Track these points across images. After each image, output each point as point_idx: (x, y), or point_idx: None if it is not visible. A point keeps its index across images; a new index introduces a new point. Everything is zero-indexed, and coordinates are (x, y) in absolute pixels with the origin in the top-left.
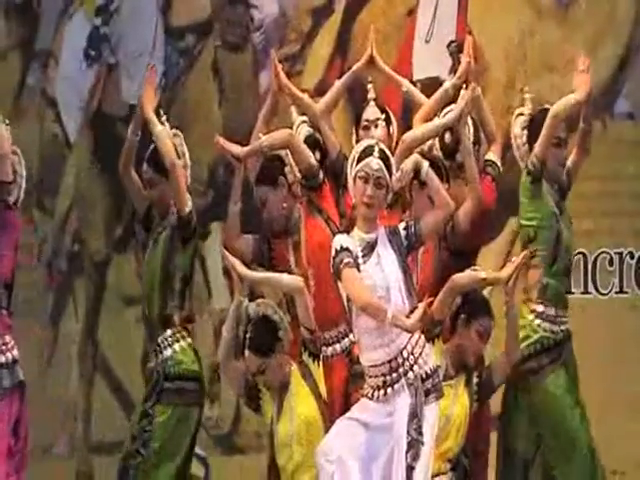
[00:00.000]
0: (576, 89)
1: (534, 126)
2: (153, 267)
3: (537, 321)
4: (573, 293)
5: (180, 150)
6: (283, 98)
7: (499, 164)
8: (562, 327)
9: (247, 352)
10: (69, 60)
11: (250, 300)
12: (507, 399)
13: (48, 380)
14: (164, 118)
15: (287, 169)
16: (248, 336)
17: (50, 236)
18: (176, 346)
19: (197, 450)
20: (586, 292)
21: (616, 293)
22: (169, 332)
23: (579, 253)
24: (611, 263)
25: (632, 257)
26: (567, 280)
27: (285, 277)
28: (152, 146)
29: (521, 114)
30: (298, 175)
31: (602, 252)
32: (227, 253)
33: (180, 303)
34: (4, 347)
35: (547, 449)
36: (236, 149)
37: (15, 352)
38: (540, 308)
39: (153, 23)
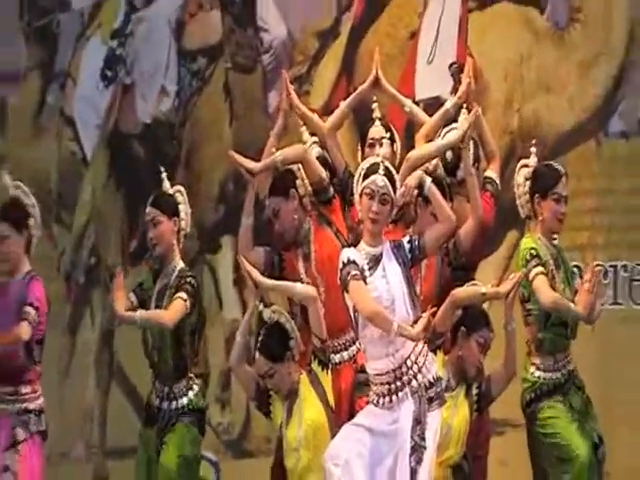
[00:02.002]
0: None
1: (537, 178)
2: (161, 331)
3: (537, 373)
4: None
5: (182, 199)
6: (293, 117)
7: (498, 181)
8: (563, 371)
9: (257, 355)
10: (86, 80)
11: (264, 306)
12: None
13: (66, 387)
14: None
15: (298, 182)
16: (260, 339)
17: (68, 249)
18: (190, 394)
19: (208, 454)
20: None
21: (610, 305)
22: (183, 382)
23: (575, 266)
24: (605, 276)
25: (626, 270)
26: (565, 329)
27: (299, 286)
28: None
29: (525, 165)
30: (309, 189)
31: (597, 265)
32: (244, 261)
33: (192, 354)
34: (34, 395)
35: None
36: (250, 164)
37: (42, 401)
38: (538, 360)
39: (166, 46)
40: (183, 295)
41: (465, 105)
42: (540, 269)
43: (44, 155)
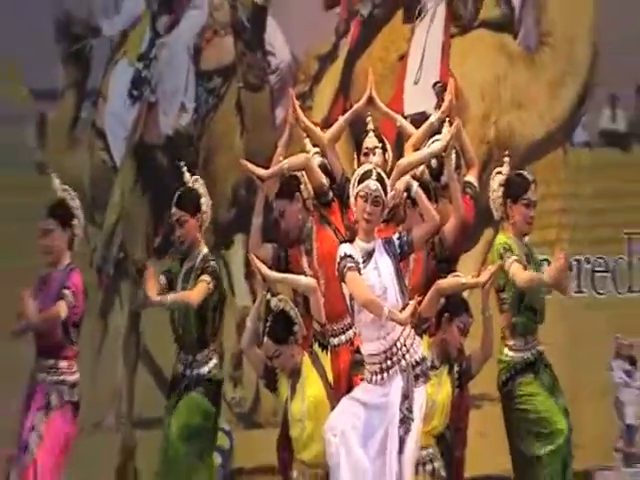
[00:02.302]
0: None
1: (509, 185)
2: (187, 308)
3: (510, 353)
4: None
5: (206, 198)
6: (297, 129)
7: (476, 185)
8: (532, 351)
9: (265, 338)
10: (115, 98)
11: (271, 296)
12: (504, 415)
13: (99, 365)
14: None
15: (302, 187)
16: (268, 325)
17: (100, 246)
18: (211, 364)
19: (223, 425)
20: (549, 292)
21: (575, 293)
22: (205, 352)
23: (544, 260)
24: (571, 268)
25: (588, 263)
26: (534, 314)
27: (302, 278)
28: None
29: (499, 173)
30: (311, 192)
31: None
32: (254, 257)
33: (212, 329)
34: (70, 370)
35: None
36: (260, 171)
37: (77, 377)
38: (511, 342)
39: (185, 68)
40: (206, 278)
41: (447, 119)
42: (515, 257)
43: (78, 163)
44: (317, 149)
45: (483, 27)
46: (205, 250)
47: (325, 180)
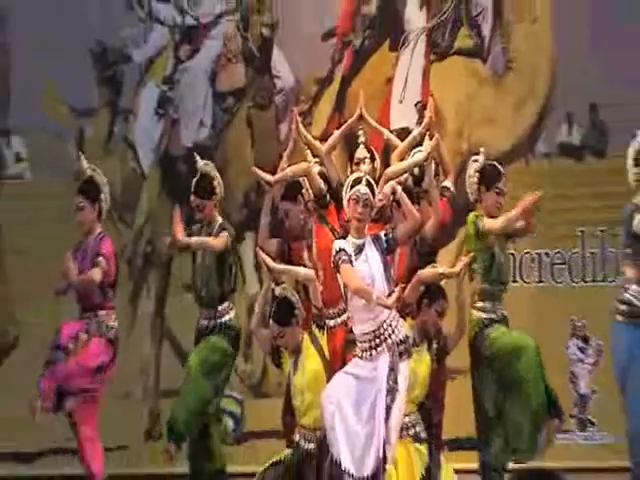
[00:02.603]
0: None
1: (484, 172)
2: (209, 265)
3: (478, 313)
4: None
5: (217, 180)
6: (299, 142)
7: (452, 189)
8: (498, 313)
9: (271, 321)
10: (144, 115)
11: (276, 284)
12: (473, 372)
13: (129, 344)
14: None
15: (304, 191)
16: (273, 309)
17: (130, 242)
18: (231, 313)
19: (235, 394)
20: (515, 281)
21: (536, 282)
22: (226, 304)
23: (510, 254)
24: (532, 261)
25: (547, 256)
26: (500, 284)
27: (302, 269)
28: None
29: (476, 160)
30: (312, 196)
31: (526, 253)
32: (260, 252)
33: (229, 286)
34: (109, 316)
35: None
36: (268, 177)
37: (115, 321)
38: (479, 305)
39: (204, 89)
40: (225, 233)
41: (427, 133)
42: (487, 219)
43: (112, 171)
44: (316, 159)
45: (458, 54)
46: (220, 220)
47: (323, 185)
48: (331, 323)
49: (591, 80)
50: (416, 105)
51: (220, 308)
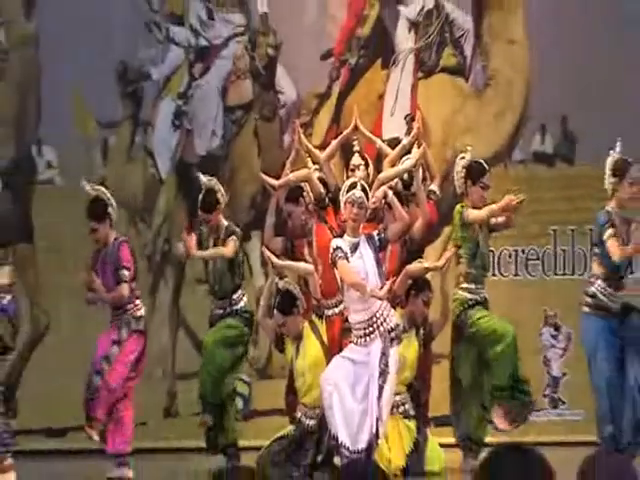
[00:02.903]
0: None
1: (470, 168)
2: (221, 267)
3: (463, 293)
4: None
5: (220, 192)
6: (301, 151)
7: (438, 193)
8: (479, 294)
9: (275, 311)
10: (161, 127)
11: (279, 279)
12: (452, 346)
13: (149, 331)
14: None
15: (305, 194)
16: (277, 301)
17: (150, 240)
18: (245, 299)
19: (244, 376)
20: (494, 275)
21: (512, 276)
22: (239, 293)
23: (490, 251)
24: (509, 257)
25: (523, 253)
26: (483, 269)
27: (302, 265)
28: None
29: (463, 157)
30: (312, 199)
31: (504, 249)
32: (265, 249)
33: (240, 280)
34: (136, 307)
35: (482, 350)
36: (273, 182)
37: (143, 311)
38: (465, 285)
39: (215, 103)
40: (234, 237)
41: (416, 143)
42: (472, 210)
43: (133, 177)
44: (316, 166)
45: (443, 72)
46: (226, 223)
47: (322, 189)
48: (329, 313)
49: (562, 95)
50: (405, 117)
51: (234, 297)
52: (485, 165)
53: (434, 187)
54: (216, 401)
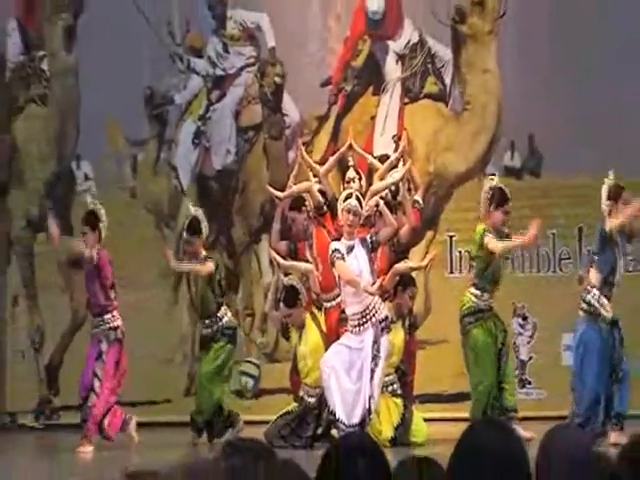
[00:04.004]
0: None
1: (495, 195)
2: (204, 288)
3: (471, 297)
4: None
5: (204, 223)
6: (303, 166)
7: (421, 202)
8: (484, 303)
9: (281, 304)
10: (183, 145)
11: (285, 276)
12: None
13: (172, 320)
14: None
15: (306, 203)
16: (282, 296)
17: (174, 242)
18: (228, 315)
19: (254, 359)
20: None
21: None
22: (222, 310)
23: (466, 251)
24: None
25: None
26: (493, 283)
27: (304, 264)
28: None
29: (492, 179)
30: (312, 207)
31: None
32: (272, 251)
33: (222, 295)
34: (114, 318)
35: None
36: (278, 193)
37: (119, 321)
38: (472, 290)
39: (230, 124)
40: (210, 262)
41: (402, 159)
42: (491, 238)
43: (159, 188)
44: (316, 179)
45: (426, 98)
46: (204, 253)
47: (321, 199)
48: (327, 305)
49: (529, 117)
50: (393, 137)
51: (219, 313)
52: (508, 194)
53: (418, 197)
54: (210, 417)
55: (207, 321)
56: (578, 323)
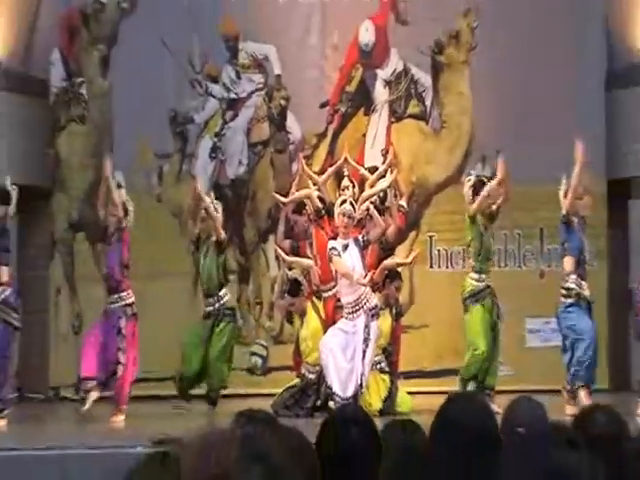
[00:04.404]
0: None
1: (474, 185)
2: (210, 266)
3: (471, 281)
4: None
5: (217, 207)
6: (304, 176)
7: (406, 207)
8: (482, 283)
9: (286, 294)
10: (202, 157)
11: (289, 270)
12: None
13: (192, 309)
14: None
15: (307, 208)
16: (287, 287)
17: (195, 239)
18: (228, 295)
19: (262, 341)
20: (447, 267)
21: (461, 268)
22: (223, 290)
23: (444, 249)
24: (458, 253)
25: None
26: (487, 260)
27: (304, 260)
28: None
29: (469, 180)
30: (312, 211)
31: (456, 247)
32: (278, 249)
33: (224, 278)
34: (129, 295)
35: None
36: (283, 199)
37: (132, 298)
38: (473, 275)
39: (241, 140)
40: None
41: (389, 169)
42: (470, 208)
43: (181, 194)
44: (315, 187)
45: (409, 118)
46: (214, 238)
47: (320, 204)
48: (326, 295)
49: (498, 134)
50: (381, 151)
51: (221, 293)
52: (485, 180)
53: (403, 202)
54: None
55: (210, 299)
56: (560, 307)
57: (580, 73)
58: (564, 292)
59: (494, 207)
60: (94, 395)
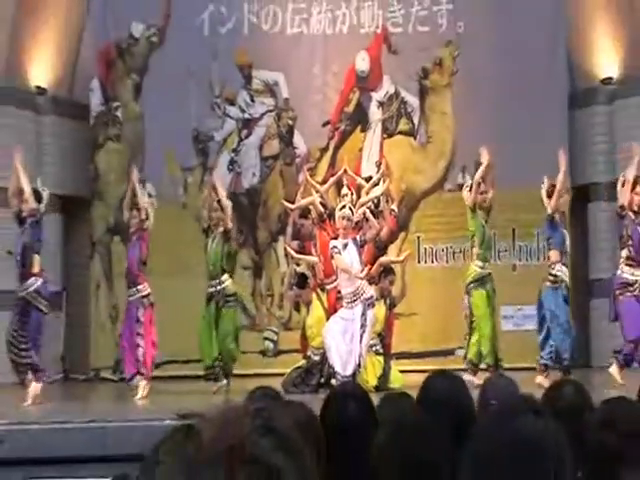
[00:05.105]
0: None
1: (471, 185)
2: (216, 251)
3: (476, 268)
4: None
5: (229, 205)
6: (309, 185)
7: (397, 211)
8: (485, 270)
9: (294, 287)
10: (221, 170)
11: (296, 266)
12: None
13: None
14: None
15: (312, 212)
16: (295, 281)
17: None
18: (230, 281)
19: (273, 328)
20: (433, 262)
21: (445, 263)
22: (226, 275)
23: (430, 247)
24: (442, 250)
25: (450, 247)
26: (489, 249)
27: (310, 258)
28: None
29: (466, 184)
30: (316, 215)
31: (442, 246)
32: (287, 247)
33: (228, 264)
34: (145, 288)
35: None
36: (291, 205)
37: (148, 290)
38: (477, 262)
39: (255, 155)
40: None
41: (382, 179)
42: (466, 201)
43: (204, 201)
44: (318, 194)
45: (400, 134)
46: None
47: (322, 210)
48: (328, 287)
49: (476, 148)
50: (376, 163)
51: (223, 278)
52: (480, 180)
53: (394, 207)
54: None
55: (212, 282)
56: (543, 291)
57: (547, 94)
58: (551, 278)
59: (487, 200)
60: (143, 383)
